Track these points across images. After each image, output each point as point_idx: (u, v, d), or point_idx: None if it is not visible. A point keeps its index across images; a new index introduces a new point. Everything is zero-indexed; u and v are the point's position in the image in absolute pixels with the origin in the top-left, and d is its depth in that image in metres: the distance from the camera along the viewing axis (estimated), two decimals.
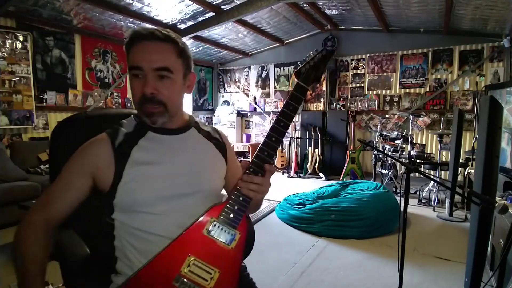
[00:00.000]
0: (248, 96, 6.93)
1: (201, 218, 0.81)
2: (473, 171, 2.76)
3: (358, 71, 5.84)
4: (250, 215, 0.91)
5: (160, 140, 0.90)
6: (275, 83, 6.59)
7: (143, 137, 0.88)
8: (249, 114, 6.93)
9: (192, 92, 6.07)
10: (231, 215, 0.81)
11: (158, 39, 0.84)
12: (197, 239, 0.78)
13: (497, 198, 1.93)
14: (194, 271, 0.75)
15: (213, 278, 0.76)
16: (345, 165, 5.28)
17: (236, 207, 0.81)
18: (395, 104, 5.49)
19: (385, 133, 4.90)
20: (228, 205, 0.81)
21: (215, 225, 0.79)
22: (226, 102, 7.26)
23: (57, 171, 1.00)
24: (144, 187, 0.83)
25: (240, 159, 6.19)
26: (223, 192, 0.98)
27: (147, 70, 0.82)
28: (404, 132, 4.70)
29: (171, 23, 4.75)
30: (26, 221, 0.81)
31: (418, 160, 4.22)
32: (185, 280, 0.74)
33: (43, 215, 0.81)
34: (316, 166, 5.68)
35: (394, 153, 4.37)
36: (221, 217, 0.80)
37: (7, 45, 3.71)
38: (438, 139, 4.28)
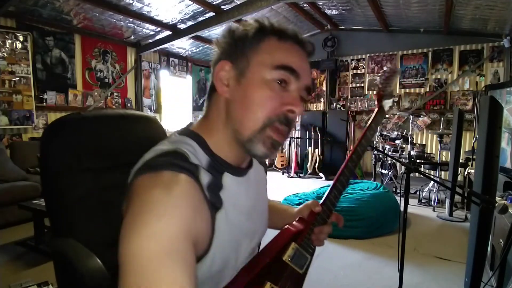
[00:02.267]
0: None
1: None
2: (473, 171, 2.76)
3: (358, 71, 5.84)
4: None
5: (236, 186, 0.62)
6: None
7: (221, 181, 0.59)
8: None
9: (192, 92, 6.02)
10: (310, 242, 0.76)
11: (309, 52, 0.65)
12: (278, 266, 0.68)
13: (497, 198, 1.93)
14: None
15: None
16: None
17: (316, 229, 0.77)
18: (395, 104, 5.49)
19: (385, 133, 4.90)
20: (311, 226, 0.76)
21: (296, 251, 0.72)
22: None
23: (48, 179, 0.93)
24: (223, 258, 0.59)
25: None
26: None
27: (302, 82, 0.60)
28: (404, 132, 4.70)
29: (171, 23, 4.75)
30: None
31: (418, 160, 4.22)
32: None
33: None
34: (316, 166, 5.68)
35: (394, 153, 4.37)
36: (304, 243, 0.74)
37: (7, 45, 3.71)
38: (438, 139, 4.28)
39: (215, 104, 0.62)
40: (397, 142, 4.38)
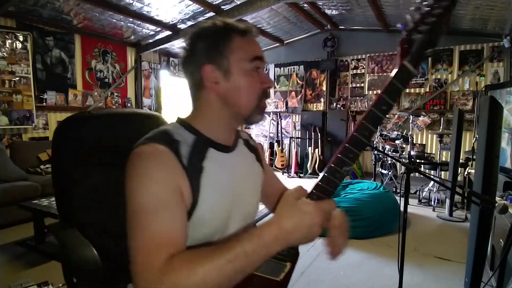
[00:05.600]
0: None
1: None
2: (473, 171, 2.76)
3: (358, 71, 5.84)
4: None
5: (221, 160, 0.75)
6: (275, 83, 6.59)
7: (206, 156, 0.72)
8: None
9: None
10: (284, 250, 0.65)
11: (255, 36, 0.79)
12: (245, 278, 0.63)
13: (497, 198, 1.93)
14: None
15: None
16: None
17: None
18: (395, 104, 5.48)
19: (385, 133, 4.90)
20: None
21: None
22: None
23: (60, 172, 0.99)
24: (213, 222, 0.71)
25: None
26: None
27: (264, 63, 0.76)
28: (404, 132, 4.70)
29: (171, 23, 4.75)
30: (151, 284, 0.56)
31: (418, 160, 4.21)
32: None
33: (162, 259, 0.57)
34: (316, 166, 5.68)
35: (394, 153, 4.37)
36: None
37: (7, 45, 3.71)
38: (438, 139, 4.28)
39: (204, 99, 0.75)
40: (397, 142, 4.38)
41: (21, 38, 3.82)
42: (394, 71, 0.56)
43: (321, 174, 0.63)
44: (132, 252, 0.60)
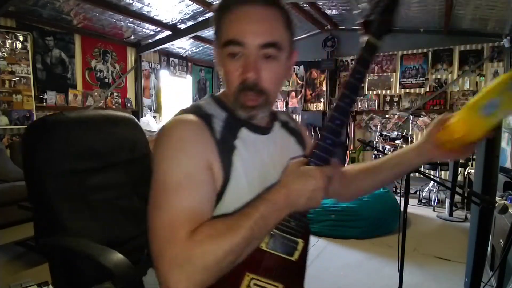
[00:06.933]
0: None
1: None
2: (473, 171, 2.76)
3: None
4: None
5: (254, 143, 0.69)
6: None
7: (238, 136, 0.68)
8: None
9: (192, 92, 5.99)
10: (292, 223, 0.66)
11: (262, 2, 0.63)
12: (255, 255, 0.64)
13: (497, 198, 1.93)
14: None
15: None
16: (345, 165, 5.28)
17: (297, 213, 0.65)
18: (395, 104, 5.49)
19: (385, 133, 4.90)
20: None
21: (274, 236, 0.66)
22: None
23: (34, 181, 0.94)
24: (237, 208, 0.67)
25: None
26: None
27: (250, 46, 0.62)
28: (404, 132, 4.71)
29: (171, 23, 4.75)
30: (175, 259, 0.53)
31: None
32: None
33: (186, 234, 0.55)
34: None
35: None
36: (281, 226, 0.65)
37: (7, 45, 3.71)
38: None
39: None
40: (397, 142, 4.38)
41: (21, 38, 3.82)
42: (362, 45, 0.65)
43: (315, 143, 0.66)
44: (154, 229, 0.57)
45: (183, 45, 5.70)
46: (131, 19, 4.43)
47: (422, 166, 4.27)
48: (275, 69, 0.66)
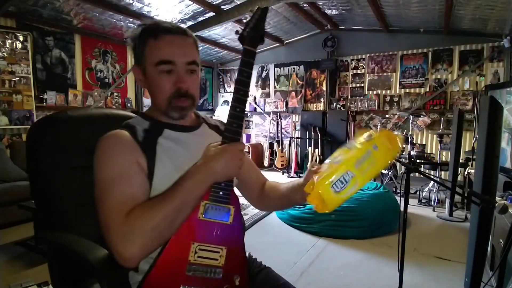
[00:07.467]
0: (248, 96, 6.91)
1: None
2: (473, 171, 2.76)
3: (358, 71, 5.84)
4: (247, 214, 0.90)
5: (177, 138, 0.88)
6: (275, 83, 6.59)
7: (161, 135, 0.87)
8: (249, 114, 6.93)
9: None
10: (220, 193, 0.80)
11: (182, 34, 0.85)
12: (195, 225, 0.78)
13: (497, 198, 1.93)
14: (202, 255, 0.78)
15: (222, 255, 0.80)
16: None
17: (222, 184, 0.80)
18: (395, 104, 5.49)
19: None
20: (214, 184, 0.80)
21: (207, 207, 0.79)
22: (226, 102, 7.26)
23: (38, 177, 0.97)
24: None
25: None
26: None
27: (180, 64, 0.83)
28: (404, 132, 4.70)
29: None
30: (121, 238, 0.69)
31: (418, 160, 4.21)
32: (196, 266, 0.77)
33: (125, 213, 0.71)
34: None
35: None
36: (211, 197, 0.80)
37: (7, 45, 3.71)
38: (438, 139, 4.28)
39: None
40: None
41: (21, 38, 3.83)
42: (243, 51, 0.82)
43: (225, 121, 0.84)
44: (100, 217, 0.73)
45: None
46: (131, 19, 4.43)
47: (422, 166, 4.28)
48: (197, 80, 0.89)
